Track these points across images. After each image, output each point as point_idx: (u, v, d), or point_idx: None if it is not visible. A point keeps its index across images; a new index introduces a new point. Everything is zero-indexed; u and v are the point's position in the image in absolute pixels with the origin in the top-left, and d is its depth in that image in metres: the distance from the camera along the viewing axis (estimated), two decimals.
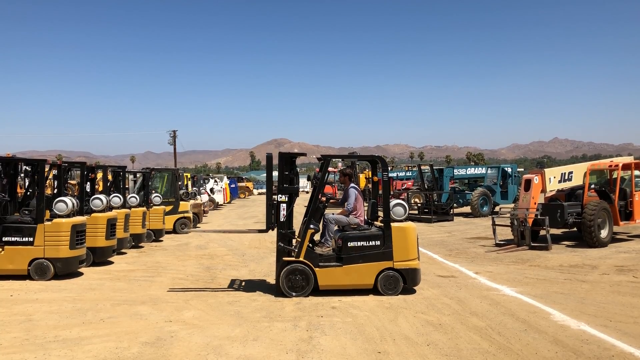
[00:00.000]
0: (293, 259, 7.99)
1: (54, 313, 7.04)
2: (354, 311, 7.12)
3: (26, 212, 9.74)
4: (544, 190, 13.85)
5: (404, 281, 8.14)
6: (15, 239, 9.28)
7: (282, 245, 8.06)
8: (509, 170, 25.65)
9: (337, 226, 8.52)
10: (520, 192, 14.32)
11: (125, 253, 12.95)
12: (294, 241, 8.32)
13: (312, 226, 8.18)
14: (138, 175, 17.80)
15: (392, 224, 8.16)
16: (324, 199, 8.83)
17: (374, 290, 8.12)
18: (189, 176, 27.75)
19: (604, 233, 13.09)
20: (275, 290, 8.22)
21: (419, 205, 24.50)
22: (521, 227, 13.23)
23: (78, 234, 9.68)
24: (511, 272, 10.02)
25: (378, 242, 8.11)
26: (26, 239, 9.29)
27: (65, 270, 9.44)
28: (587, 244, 12.94)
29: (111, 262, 11.47)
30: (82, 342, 5.76)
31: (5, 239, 9.24)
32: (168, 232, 17.25)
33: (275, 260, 8.23)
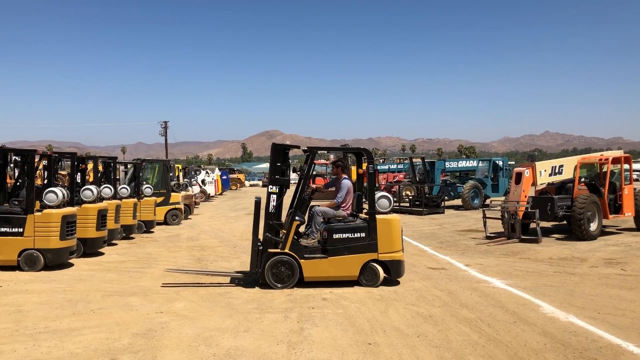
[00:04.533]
0: (279, 250, 8.00)
1: (44, 304, 7.02)
2: (345, 303, 7.14)
3: (16, 202, 9.67)
4: (534, 184, 13.92)
5: (389, 273, 8.21)
6: (5, 229, 9.22)
7: (269, 236, 8.05)
8: (500, 163, 25.75)
9: (323, 218, 8.54)
10: (511, 185, 14.38)
11: (116, 244, 12.91)
12: (281, 233, 8.31)
13: (297, 218, 8.20)
14: (129, 166, 17.72)
15: (377, 216, 8.21)
16: (310, 189, 8.86)
17: (358, 282, 8.18)
18: (180, 167, 27.66)
19: (593, 226, 13.18)
20: (253, 281, 8.27)
21: (410, 197, 24.56)
22: (512, 220, 13.29)
23: (68, 225, 9.63)
24: (501, 265, 10.08)
25: (363, 234, 8.16)
26: (16, 229, 9.24)
27: (55, 261, 9.40)
28: (577, 237, 13.03)
29: (102, 253, 11.43)
30: (73, 333, 5.75)
31: None
32: (159, 224, 17.21)
33: (252, 250, 8.14)
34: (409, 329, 5.98)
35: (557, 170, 14.24)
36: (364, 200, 9.05)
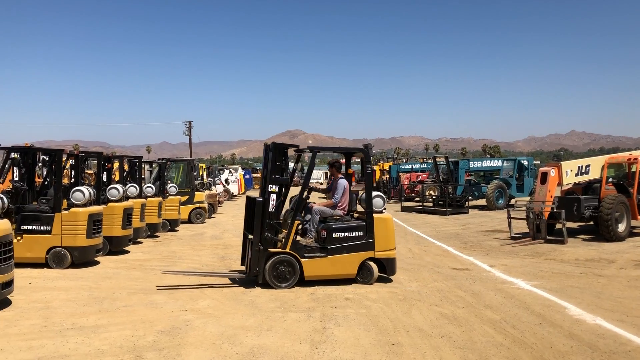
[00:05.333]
0: (280, 250, 7.97)
1: (71, 301, 7.14)
2: (368, 303, 7.12)
3: (44, 201, 9.86)
4: (560, 184, 13.72)
5: (384, 270, 8.36)
6: (34, 227, 9.40)
7: (269, 236, 7.99)
8: (525, 163, 25.44)
9: (320, 217, 8.55)
10: (536, 185, 14.20)
11: (141, 242, 13.07)
12: (280, 232, 8.22)
13: (298, 217, 8.20)
14: (154, 166, 17.94)
15: (374, 215, 8.31)
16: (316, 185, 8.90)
17: (354, 280, 8.30)
18: (204, 167, 27.90)
19: (621, 227, 12.95)
20: (247, 281, 8.24)
21: (433, 197, 24.40)
22: (537, 220, 13.13)
23: (95, 223, 9.78)
24: (526, 266, 9.96)
25: (361, 233, 8.29)
26: (44, 227, 9.40)
27: (82, 258, 9.55)
28: (604, 238, 12.81)
29: (127, 252, 11.59)
30: (99, 330, 5.83)
31: (23, 227, 9.35)
32: (183, 222, 17.39)
33: (252, 250, 7.97)
34: (433, 330, 5.94)
35: (583, 170, 14.01)
36: (357, 199, 9.13)
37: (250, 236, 8.25)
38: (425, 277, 8.96)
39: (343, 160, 9.60)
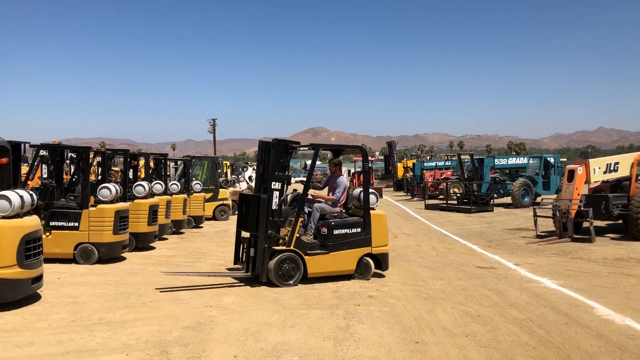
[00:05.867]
0: (284, 247, 7.95)
1: (98, 296, 7.25)
2: (391, 300, 7.10)
3: (72, 197, 10.03)
4: (587, 181, 13.49)
5: (379, 266, 8.59)
6: (62, 223, 9.57)
7: (273, 233, 7.94)
8: (552, 160, 25.05)
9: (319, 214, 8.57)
10: (563, 182, 13.99)
11: (166, 239, 13.22)
12: (282, 230, 8.21)
13: (301, 214, 8.20)
14: (179, 163, 18.12)
15: (371, 212, 8.45)
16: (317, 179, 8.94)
17: (350, 275, 8.39)
18: (228, 164, 28.07)
19: None
20: (250, 279, 8.18)
21: (458, 195, 24.19)
22: (564, 218, 12.93)
23: (121, 220, 9.92)
24: (553, 265, 9.82)
25: (359, 229, 8.40)
26: (72, 224, 9.57)
27: (108, 254, 9.70)
28: (633, 236, 12.56)
29: (153, 248, 11.73)
30: (125, 325, 5.92)
31: (52, 223, 9.53)
32: (208, 219, 17.54)
33: (258, 249, 7.84)
34: (457, 329, 5.90)
35: (612, 168, 13.75)
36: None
37: (244, 234, 8.30)
38: (450, 275, 8.89)
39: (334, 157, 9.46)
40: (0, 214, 6.34)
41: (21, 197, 6.55)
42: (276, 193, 8.02)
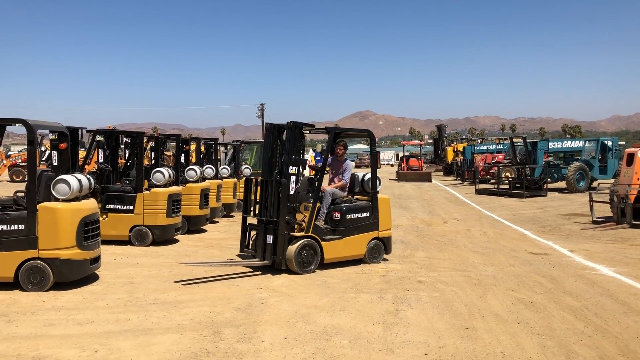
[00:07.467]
0: (303, 234, 7.80)
1: (153, 277, 7.48)
2: (441, 286, 7.04)
3: (127, 181, 10.33)
4: None
5: (385, 250, 8.66)
6: (118, 206, 9.89)
7: (291, 219, 7.75)
8: (609, 143, 24.14)
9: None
10: (621, 167, 13.50)
11: (217, 222, 13.48)
12: (298, 216, 8.10)
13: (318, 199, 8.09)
14: (229, 148, 18.35)
15: (378, 196, 8.50)
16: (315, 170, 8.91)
17: (358, 261, 8.37)
18: None
19: None
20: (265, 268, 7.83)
21: (510, 179, 23.67)
22: (622, 204, 12.49)
23: (174, 203, 10.16)
24: (610, 251, 9.51)
25: (368, 214, 8.43)
26: (127, 207, 9.87)
27: (162, 237, 9.96)
28: None
29: (204, 230, 11.98)
30: (179, 306, 6.08)
31: (108, 206, 9.86)
32: None
33: (279, 235, 7.58)
34: (509, 315, 5.80)
35: None
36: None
37: (250, 221, 8.28)
38: (501, 261, 8.74)
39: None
40: (60, 197, 6.60)
41: (79, 181, 6.79)
42: (293, 178, 7.78)
